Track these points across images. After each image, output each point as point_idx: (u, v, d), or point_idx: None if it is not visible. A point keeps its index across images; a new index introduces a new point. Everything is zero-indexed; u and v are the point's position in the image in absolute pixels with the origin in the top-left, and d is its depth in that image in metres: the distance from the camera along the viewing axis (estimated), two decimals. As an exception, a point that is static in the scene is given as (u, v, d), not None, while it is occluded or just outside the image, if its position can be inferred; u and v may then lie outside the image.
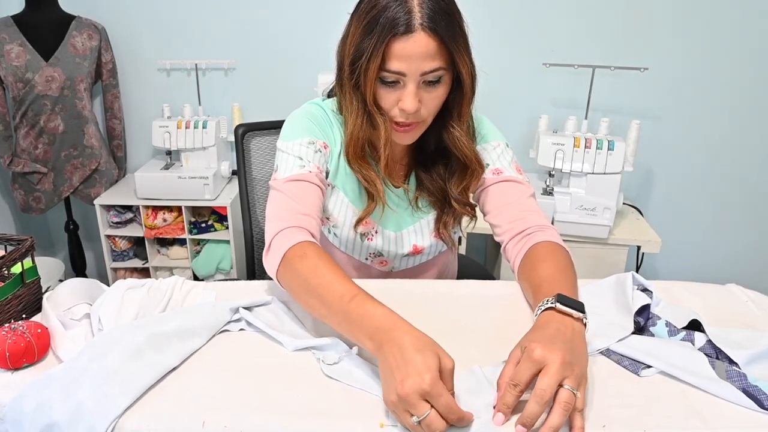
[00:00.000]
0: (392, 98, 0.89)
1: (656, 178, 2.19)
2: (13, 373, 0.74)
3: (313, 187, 0.93)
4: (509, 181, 1.01)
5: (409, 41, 0.82)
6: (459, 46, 0.85)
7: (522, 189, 1.01)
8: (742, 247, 2.24)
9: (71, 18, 2.04)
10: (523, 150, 2.13)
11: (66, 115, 2.06)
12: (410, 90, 0.86)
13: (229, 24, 2.16)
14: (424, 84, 0.86)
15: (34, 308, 0.88)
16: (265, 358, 0.76)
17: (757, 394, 0.66)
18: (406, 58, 0.83)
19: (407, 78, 0.85)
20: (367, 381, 0.70)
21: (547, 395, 0.61)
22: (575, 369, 0.64)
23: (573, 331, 0.70)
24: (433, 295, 0.93)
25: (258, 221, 1.49)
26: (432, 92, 0.88)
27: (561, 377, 0.62)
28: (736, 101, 2.05)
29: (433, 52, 0.83)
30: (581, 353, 0.68)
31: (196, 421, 0.64)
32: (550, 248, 0.91)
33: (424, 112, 0.89)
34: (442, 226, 1.05)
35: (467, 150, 0.96)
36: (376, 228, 1.05)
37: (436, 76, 0.86)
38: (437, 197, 1.03)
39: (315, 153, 0.96)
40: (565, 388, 0.62)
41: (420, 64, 0.83)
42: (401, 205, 1.06)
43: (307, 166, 0.94)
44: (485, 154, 1.02)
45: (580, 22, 2.02)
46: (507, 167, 1.02)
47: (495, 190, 1.01)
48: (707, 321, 0.78)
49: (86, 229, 2.46)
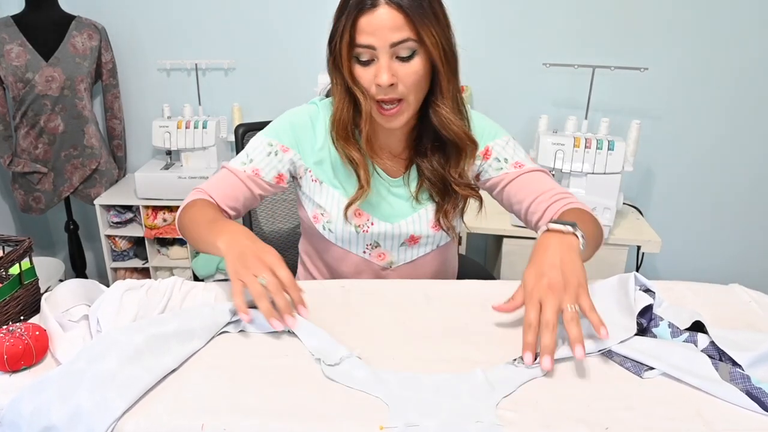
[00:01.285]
0: (369, 76, 0.92)
1: (656, 178, 2.19)
2: (11, 375, 0.73)
3: (236, 180, 1.03)
4: (533, 171, 1.06)
5: (374, 15, 0.87)
6: (425, 19, 0.88)
7: (543, 175, 1.06)
8: (742, 247, 2.24)
9: (71, 18, 2.04)
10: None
11: (66, 115, 2.05)
12: (382, 63, 0.89)
13: (229, 24, 2.15)
14: (397, 59, 0.90)
15: (32, 310, 0.88)
16: (264, 359, 0.76)
17: (761, 396, 0.66)
18: (372, 31, 0.88)
19: (378, 51, 0.89)
20: (367, 383, 0.70)
21: (551, 325, 0.72)
22: (568, 289, 0.75)
23: (564, 247, 0.81)
24: (433, 295, 0.92)
25: (258, 221, 1.49)
26: (406, 67, 0.90)
27: (558, 305, 0.74)
28: (736, 101, 2.05)
29: (399, 24, 0.87)
30: (573, 268, 0.78)
31: (195, 423, 0.64)
32: (579, 210, 0.98)
33: (402, 88, 0.92)
34: (443, 215, 1.06)
35: (455, 127, 0.98)
36: (371, 220, 1.06)
37: (407, 50, 0.89)
38: (438, 187, 1.05)
39: (267, 155, 1.03)
40: (567, 309, 0.73)
41: (387, 35, 0.87)
42: (402, 196, 1.07)
43: (247, 165, 1.03)
44: (500, 150, 1.07)
45: (580, 22, 2.02)
46: (524, 159, 1.07)
47: (522, 182, 1.05)
48: (710, 321, 0.78)
49: (86, 229, 2.45)
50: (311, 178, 1.06)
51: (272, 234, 1.51)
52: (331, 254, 1.11)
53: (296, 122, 1.05)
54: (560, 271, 0.77)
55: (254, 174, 1.03)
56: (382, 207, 1.06)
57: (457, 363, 0.75)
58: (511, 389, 0.69)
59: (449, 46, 0.93)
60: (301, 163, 1.05)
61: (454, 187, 1.03)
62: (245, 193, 1.04)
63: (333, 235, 1.07)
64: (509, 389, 0.69)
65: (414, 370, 0.73)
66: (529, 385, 0.70)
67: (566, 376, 0.72)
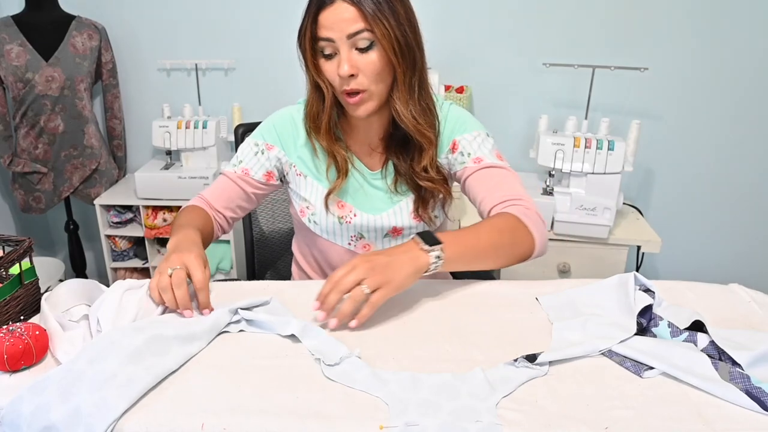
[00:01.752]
0: (333, 68, 0.97)
1: (656, 178, 2.19)
2: (11, 375, 0.73)
3: (230, 182, 1.11)
4: (490, 167, 1.05)
5: (331, 10, 0.93)
6: (379, 13, 0.92)
7: (503, 173, 1.05)
8: (742, 247, 2.24)
9: (71, 18, 2.04)
10: (523, 150, 2.12)
11: (66, 115, 2.05)
12: (342, 54, 0.94)
13: (229, 24, 2.15)
14: (357, 50, 0.94)
15: (32, 309, 0.88)
16: (264, 359, 0.76)
17: (761, 396, 0.66)
18: (330, 25, 0.93)
19: (337, 44, 0.94)
20: (367, 383, 0.70)
21: (341, 286, 0.80)
22: (377, 275, 0.80)
23: (409, 255, 0.85)
24: (433, 295, 0.92)
25: (258, 222, 1.49)
26: (365, 58, 0.95)
27: (360, 277, 0.80)
28: (737, 101, 2.04)
29: (355, 17, 0.92)
30: (399, 271, 0.83)
31: (195, 423, 0.64)
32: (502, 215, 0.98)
33: (362, 78, 0.96)
34: (421, 207, 1.08)
35: (406, 120, 1.00)
36: (354, 212, 1.09)
37: (365, 41, 0.93)
38: (409, 180, 1.07)
39: (255, 155, 1.11)
40: (360, 287, 0.79)
41: (343, 27, 0.92)
42: (381, 188, 1.10)
43: (237, 166, 1.11)
44: (466, 145, 1.07)
45: (580, 22, 2.02)
46: (487, 155, 1.06)
47: (477, 178, 1.05)
48: (710, 321, 0.78)
49: (86, 229, 2.45)
50: (296, 173, 1.11)
51: (272, 234, 1.51)
52: (318, 247, 1.15)
53: (278, 121, 1.11)
54: (387, 264, 0.83)
55: (244, 174, 1.10)
56: (363, 199, 1.10)
57: (457, 363, 0.75)
58: (511, 389, 0.69)
59: (404, 41, 0.95)
60: (286, 159, 1.11)
61: (416, 180, 1.05)
62: (239, 194, 1.11)
63: (318, 227, 1.10)
64: (509, 389, 0.69)
65: (414, 370, 0.73)
66: (529, 385, 0.70)
67: (566, 376, 0.72)
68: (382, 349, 0.77)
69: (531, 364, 0.73)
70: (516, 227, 0.96)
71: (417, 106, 1.01)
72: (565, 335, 0.79)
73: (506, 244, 0.95)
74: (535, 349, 0.76)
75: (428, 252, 0.85)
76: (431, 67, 1.93)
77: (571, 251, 1.82)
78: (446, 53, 2.08)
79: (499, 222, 0.96)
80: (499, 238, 0.94)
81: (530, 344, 0.78)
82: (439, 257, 0.86)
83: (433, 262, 0.85)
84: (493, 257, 0.94)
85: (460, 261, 0.90)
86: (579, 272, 1.83)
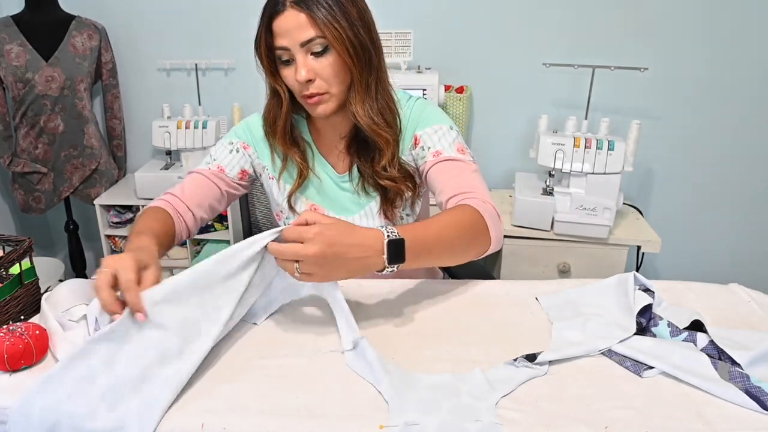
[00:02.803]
0: (291, 74, 0.97)
1: (656, 178, 2.19)
2: (11, 375, 0.73)
3: (204, 179, 1.10)
4: (448, 160, 1.03)
5: (282, 18, 0.93)
6: (329, 17, 0.92)
7: (461, 166, 1.03)
8: (742, 247, 2.24)
9: (71, 18, 2.04)
10: (523, 150, 2.12)
11: (66, 115, 2.05)
12: (298, 61, 0.95)
13: (229, 24, 2.15)
14: (312, 55, 0.95)
15: (32, 309, 0.88)
16: (264, 359, 0.76)
17: (760, 396, 0.66)
18: (284, 33, 0.93)
19: (292, 51, 0.94)
20: (374, 369, 0.71)
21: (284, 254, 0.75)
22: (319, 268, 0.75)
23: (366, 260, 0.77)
24: (433, 295, 0.92)
25: (258, 222, 1.49)
26: (321, 61, 0.95)
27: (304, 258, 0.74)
28: (737, 101, 2.04)
29: (305, 24, 0.92)
30: (342, 268, 0.76)
31: (195, 423, 0.64)
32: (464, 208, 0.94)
33: (321, 82, 0.96)
34: (389, 207, 1.08)
35: (362, 119, 1.00)
36: (327, 214, 1.06)
37: (319, 46, 0.94)
38: (372, 181, 1.06)
39: (230, 152, 1.11)
40: (294, 265, 0.75)
41: (295, 35, 0.93)
42: (349, 190, 1.10)
43: (211, 164, 1.11)
44: (426, 139, 1.05)
45: (580, 22, 2.02)
46: (447, 148, 1.04)
47: (435, 171, 1.03)
48: (709, 321, 0.78)
49: (86, 229, 2.45)
50: (269, 176, 1.12)
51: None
52: None
53: (252, 123, 1.13)
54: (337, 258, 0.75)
55: (219, 170, 1.10)
56: (333, 201, 1.11)
57: (457, 363, 0.75)
58: (511, 389, 0.69)
59: (358, 41, 0.95)
60: (258, 162, 1.12)
61: (378, 180, 1.05)
62: (213, 192, 1.10)
63: None
64: (509, 389, 0.69)
65: (414, 370, 0.73)
66: (529, 384, 0.71)
67: (566, 376, 0.72)
68: (382, 349, 0.77)
69: (531, 363, 0.73)
70: (476, 223, 0.92)
71: (375, 106, 1.01)
72: (565, 335, 0.79)
73: (466, 240, 0.90)
74: (535, 349, 0.76)
75: (386, 267, 0.79)
76: (431, 68, 1.95)
77: (571, 251, 1.82)
78: (446, 53, 2.08)
79: (461, 217, 0.91)
80: (459, 235, 0.89)
81: (530, 344, 0.78)
82: (392, 271, 0.80)
83: (385, 272, 0.80)
84: (451, 257, 0.90)
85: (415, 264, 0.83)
86: (579, 272, 1.83)
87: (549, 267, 1.84)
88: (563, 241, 1.80)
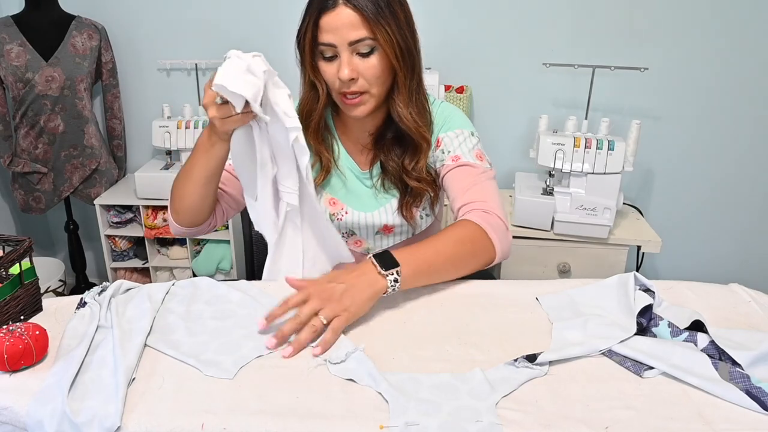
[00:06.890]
0: (333, 71, 0.98)
1: (656, 178, 2.19)
2: (11, 375, 0.73)
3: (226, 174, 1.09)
4: (465, 165, 1.05)
5: (333, 15, 0.93)
6: (381, 19, 0.93)
7: (477, 172, 1.04)
8: (742, 247, 2.24)
9: (71, 18, 2.04)
10: (523, 150, 2.12)
11: (66, 115, 2.05)
12: (343, 59, 0.95)
13: (228, 24, 2.15)
14: (358, 55, 0.95)
15: (32, 309, 0.88)
16: (264, 359, 0.76)
17: (761, 396, 0.66)
18: (332, 30, 0.94)
19: (338, 48, 0.95)
20: (370, 378, 0.70)
21: (298, 319, 0.78)
22: (334, 304, 0.79)
23: (366, 279, 0.83)
24: (433, 295, 0.92)
25: (258, 221, 1.49)
26: (366, 62, 0.96)
27: (316, 308, 0.79)
28: (737, 100, 2.04)
29: (357, 23, 0.93)
30: (354, 296, 0.81)
31: (195, 423, 0.64)
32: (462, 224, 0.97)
33: (363, 81, 0.97)
34: (405, 207, 1.09)
35: (407, 121, 1.02)
36: (345, 209, 1.11)
37: (366, 47, 0.95)
38: (396, 179, 1.09)
39: None
40: (318, 317, 0.78)
41: (345, 34, 0.93)
42: (371, 187, 1.12)
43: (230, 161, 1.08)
44: (448, 142, 1.07)
45: (580, 22, 2.02)
46: (466, 154, 1.06)
47: (451, 176, 1.06)
48: (710, 321, 0.78)
49: (86, 229, 2.45)
50: None
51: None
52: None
53: None
54: (343, 291, 0.81)
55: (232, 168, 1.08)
56: (354, 197, 1.11)
57: (457, 363, 0.75)
58: (511, 389, 0.69)
59: (405, 45, 0.97)
60: None
61: (405, 178, 1.06)
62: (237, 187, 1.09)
63: None
64: (509, 389, 0.69)
65: (414, 370, 0.73)
66: (529, 385, 0.70)
67: (566, 376, 0.72)
68: (382, 349, 0.77)
69: (531, 364, 0.73)
70: (476, 236, 0.95)
71: (415, 108, 1.03)
72: (565, 335, 0.79)
73: (466, 254, 0.94)
74: (535, 349, 0.76)
75: (386, 276, 0.84)
76: (431, 68, 1.95)
77: (571, 251, 1.82)
78: (446, 53, 2.08)
79: (458, 233, 0.95)
80: (458, 249, 0.93)
81: (530, 344, 0.78)
82: (396, 279, 0.85)
83: (391, 285, 0.84)
84: (453, 269, 0.93)
85: (419, 278, 0.88)
86: (579, 272, 1.83)
87: (549, 267, 1.84)
88: (563, 241, 1.80)
